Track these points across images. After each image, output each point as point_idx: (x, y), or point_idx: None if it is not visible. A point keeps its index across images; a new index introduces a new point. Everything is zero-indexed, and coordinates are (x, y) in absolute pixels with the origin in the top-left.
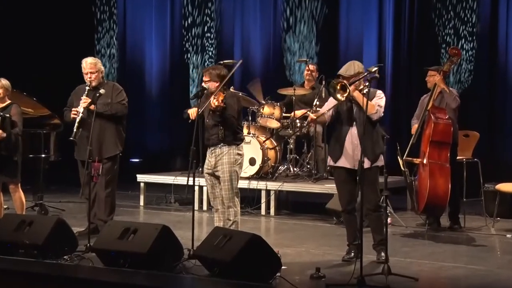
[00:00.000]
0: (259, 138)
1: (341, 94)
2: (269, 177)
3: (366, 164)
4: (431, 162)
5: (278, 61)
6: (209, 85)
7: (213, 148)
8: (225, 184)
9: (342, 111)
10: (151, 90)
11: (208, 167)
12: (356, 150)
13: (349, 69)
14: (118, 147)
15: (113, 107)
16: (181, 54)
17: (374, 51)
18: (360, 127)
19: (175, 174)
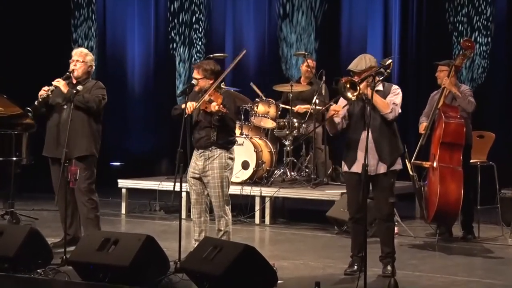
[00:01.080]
0: (252, 139)
1: (351, 93)
2: (264, 182)
3: (382, 169)
4: (442, 165)
5: (274, 53)
6: (200, 82)
7: (202, 150)
8: (216, 190)
9: (355, 111)
10: (134, 86)
11: (195, 171)
12: (371, 154)
13: (360, 64)
14: (91, 149)
15: (85, 96)
16: (166, 46)
17: (379, 44)
18: (375, 128)
19: (160, 179)
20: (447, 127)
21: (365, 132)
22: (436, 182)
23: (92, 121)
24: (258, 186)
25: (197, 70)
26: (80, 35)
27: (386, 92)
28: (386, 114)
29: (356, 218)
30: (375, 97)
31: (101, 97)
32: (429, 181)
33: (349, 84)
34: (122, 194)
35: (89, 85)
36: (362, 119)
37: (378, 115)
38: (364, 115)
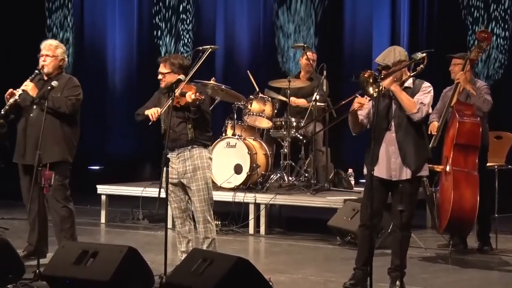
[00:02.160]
0: (246, 140)
1: (373, 89)
2: (259, 188)
3: (405, 175)
4: (455, 169)
5: (269, 43)
6: (167, 77)
7: (180, 150)
8: (200, 194)
9: (379, 109)
10: (115, 81)
11: (173, 175)
12: (394, 157)
13: (388, 56)
14: (64, 154)
15: (56, 99)
16: (151, 37)
17: (386, 36)
18: (400, 129)
19: (144, 185)
20: (461, 127)
21: (389, 132)
22: (449, 188)
23: (65, 125)
24: (252, 192)
25: (163, 64)
26: (54, 22)
27: (415, 90)
28: (411, 114)
29: (368, 225)
30: (401, 95)
31: (74, 100)
32: (442, 186)
33: (372, 78)
34: (101, 201)
35: (61, 82)
36: (387, 118)
37: (405, 114)
38: (389, 114)
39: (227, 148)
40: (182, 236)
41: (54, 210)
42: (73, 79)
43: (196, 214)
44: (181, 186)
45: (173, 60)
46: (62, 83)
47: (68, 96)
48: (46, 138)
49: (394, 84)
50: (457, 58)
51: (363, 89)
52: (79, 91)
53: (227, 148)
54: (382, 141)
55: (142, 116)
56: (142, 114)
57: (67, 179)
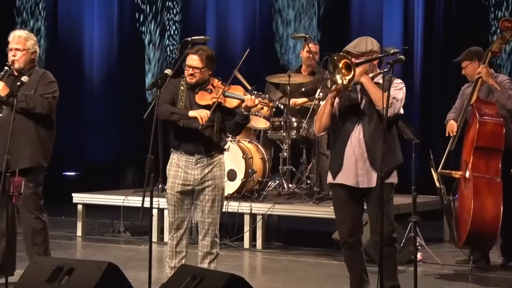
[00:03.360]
0: (240, 143)
1: (343, 76)
2: (255, 196)
3: (375, 181)
4: (476, 175)
5: (266, 31)
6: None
7: (201, 156)
8: (215, 204)
9: (345, 104)
10: (92, 76)
11: (188, 182)
12: (361, 161)
13: (360, 45)
14: (38, 159)
15: (31, 99)
16: (133, 25)
17: (398, 28)
18: (368, 127)
19: (126, 193)
20: (482, 127)
21: (355, 132)
22: (469, 196)
23: (40, 126)
24: (247, 202)
25: (199, 56)
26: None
27: (385, 87)
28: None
29: (350, 242)
30: (372, 87)
31: (50, 98)
32: (461, 195)
33: (343, 63)
34: (77, 212)
35: (35, 77)
36: (354, 116)
37: (375, 111)
38: (358, 111)
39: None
40: (178, 251)
41: (26, 222)
42: (47, 74)
43: (204, 226)
44: (191, 195)
45: (208, 52)
46: (35, 78)
47: (44, 94)
48: (18, 141)
49: (365, 76)
50: (463, 60)
51: (330, 74)
52: (55, 87)
53: None
54: (346, 142)
55: (179, 115)
56: (180, 113)
57: (40, 186)
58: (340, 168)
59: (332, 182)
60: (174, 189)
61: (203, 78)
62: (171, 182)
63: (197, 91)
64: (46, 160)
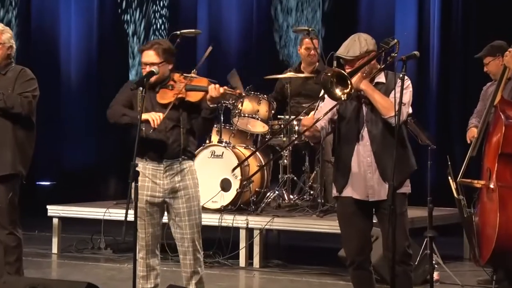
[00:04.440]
0: (236, 149)
1: (340, 90)
2: (252, 209)
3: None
4: (501, 185)
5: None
6: (161, 68)
7: (169, 162)
8: (192, 217)
9: (347, 113)
10: (70, 76)
11: (157, 193)
12: (370, 172)
13: (353, 48)
14: (16, 165)
15: (9, 98)
16: (115, 18)
17: (411, 22)
18: (375, 137)
19: (107, 205)
20: (508, 131)
21: (361, 142)
22: (493, 208)
23: (19, 128)
24: (243, 215)
25: (155, 51)
26: None
27: (390, 86)
28: (389, 118)
29: (359, 261)
30: (374, 94)
31: (30, 97)
32: (483, 207)
33: (336, 78)
34: (53, 226)
35: (12, 74)
36: (357, 124)
37: (380, 118)
38: (359, 120)
39: (212, 158)
40: (151, 269)
41: None
42: (26, 71)
43: (183, 243)
44: (161, 207)
45: (165, 46)
46: (13, 75)
47: (23, 93)
48: None
49: (364, 82)
50: (486, 56)
51: (328, 93)
52: (35, 85)
53: (212, 159)
54: (352, 153)
55: (129, 118)
56: (130, 116)
57: (16, 197)
58: (346, 180)
59: (338, 196)
60: (141, 201)
61: (163, 75)
62: (140, 191)
63: (157, 89)
64: (25, 167)
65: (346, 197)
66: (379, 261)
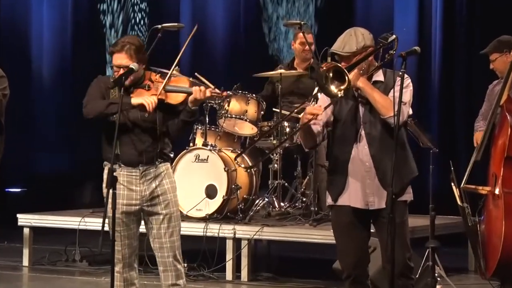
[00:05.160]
0: (222, 152)
1: (336, 86)
2: (240, 217)
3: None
4: (507, 192)
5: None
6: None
7: (146, 167)
8: (172, 224)
9: (342, 114)
10: (41, 75)
11: (134, 200)
12: (369, 177)
13: (349, 43)
14: None
15: None
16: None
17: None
18: (373, 139)
19: (82, 214)
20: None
21: (358, 145)
22: (499, 217)
23: None
24: (230, 224)
25: (126, 53)
26: None
27: (389, 84)
28: (388, 118)
29: (356, 275)
30: (372, 92)
31: (0, 96)
32: (489, 215)
33: (333, 72)
34: (23, 237)
35: None
36: (354, 126)
37: (378, 119)
38: (356, 120)
39: (196, 162)
40: (129, 284)
41: None
42: None
43: (163, 253)
44: (137, 216)
45: (136, 43)
46: None
47: None
48: None
49: (362, 79)
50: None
51: (322, 89)
52: (5, 83)
53: (196, 163)
54: (349, 157)
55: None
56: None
57: None
58: (343, 187)
59: (333, 205)
60: (117, 211)
61: (137, 75)
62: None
63: (132, 90)
64: None
65: (342, 206)
66: (377, 274)
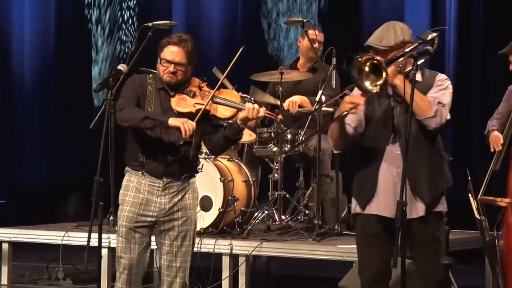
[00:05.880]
0: (218, 161)
1: (372, 82)
2: (237, 232)
3: (419, 211)
4: None
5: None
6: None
7: (170, 180)
8: (186, 243)
9: (374, 114)
10: (23, 75)
11: (152, 212)
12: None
13: (387, 36)
14: None
15: None
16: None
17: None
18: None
19: (66, 228)
20: None
21: (391, 147)
22: None
23: None
24: (227, 239)
25: (183, 49)
26: None
27: (428, 84)
28: (426, 119)
29: None
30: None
31: None
32: (508, 229)
33: (370, 65)
34: (2, 252)
35: None
36: (387, 128)
37: (414, 120)
38: (390, 120)
39: None
40: None
41: None
42: None
43: (171, 272)
44: (152, 229)
45: (191, 44)
46: None
47: None
48: None
49: (399, 76)
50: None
51: (355, 82)
52: None
53: None
54: (380, 161)
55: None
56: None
57: None
58: (373, 194)
59: (361, 213)
60: (131, 220)
61: (185, 78)
62: (128, 211)
63: (173, 93)
64: None
65: (369, 215)
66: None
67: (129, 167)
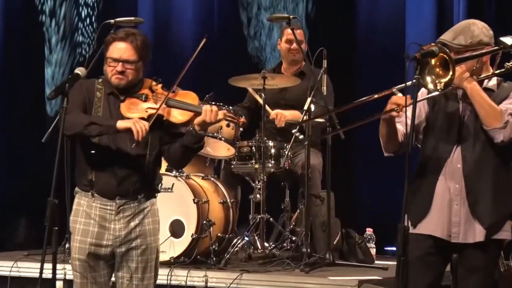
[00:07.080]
0: (191, 179)
1: (436, 78)
2: (213, 261)
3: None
4: None
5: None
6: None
7: (125, 201)
8: (147, 276)
9: (438, 119)
10: None
11: (106, 241)
12: (457, 203)
13: (463, 33)
14: None
15: None
16: None
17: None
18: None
19: (14, 257)
20: None
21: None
22: None
23: None
24: (201, 270)
25: (131, 44)
26: None
27: (502, 95)
28: (493, 130)
29: None
30: (479, 97)
31: None
32: None
33: (439, 59)
34: None
35: None
36: (450, 134)
37: (481, 130)
38: (455, 128)
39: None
40: None
41: None
42: None
43: None
44: (108, 261)
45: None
46: None
47: None
48: None
49: (469, 79)
50: None
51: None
52: None
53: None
54: (439, 174)
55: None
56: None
57: None
58: (426, 211)
59: (413, 232)
60: (83, 252)
61: (136, 78)
62: (79, 241)
63: (123, 98)
64: None
65: (421, 235)
66: None
67: (79, 187)
